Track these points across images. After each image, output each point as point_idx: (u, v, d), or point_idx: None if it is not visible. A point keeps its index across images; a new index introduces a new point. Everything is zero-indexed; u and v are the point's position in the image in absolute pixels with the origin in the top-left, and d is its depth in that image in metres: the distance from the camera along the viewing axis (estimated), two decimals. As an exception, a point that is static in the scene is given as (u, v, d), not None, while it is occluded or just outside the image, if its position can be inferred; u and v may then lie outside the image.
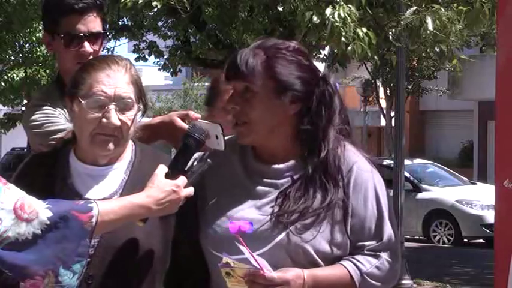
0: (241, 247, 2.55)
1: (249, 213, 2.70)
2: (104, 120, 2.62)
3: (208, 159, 2.68)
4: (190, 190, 2.59)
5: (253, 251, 2.57)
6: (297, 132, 2.76)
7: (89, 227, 2.41)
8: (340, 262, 2.70)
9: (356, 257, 2.70)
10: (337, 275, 2.68)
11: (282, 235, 2.65)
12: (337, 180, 2.71)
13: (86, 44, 3.27)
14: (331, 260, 2.69)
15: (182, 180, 2.58)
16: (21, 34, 20.44)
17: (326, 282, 2.66)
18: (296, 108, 2.73)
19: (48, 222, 2.37)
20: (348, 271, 2.68)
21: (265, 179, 2.76)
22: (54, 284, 2.37)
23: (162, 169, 2.58)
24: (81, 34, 3.26)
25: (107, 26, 3.46)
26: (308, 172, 2.71)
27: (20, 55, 21.61)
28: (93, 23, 3.31)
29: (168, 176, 2.57)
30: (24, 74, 21.01)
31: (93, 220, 2.42)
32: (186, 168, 2.64)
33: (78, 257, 2.40)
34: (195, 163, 2.75)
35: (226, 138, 2.84)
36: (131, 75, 2.69)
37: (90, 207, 2.43)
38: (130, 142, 2.77)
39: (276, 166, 2.76)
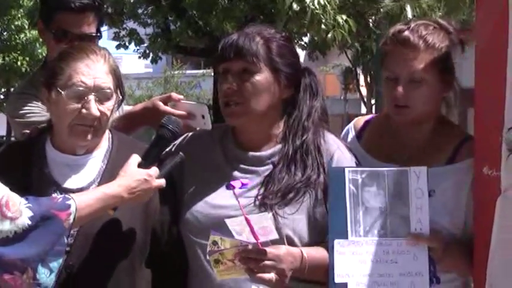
0: (234, 215, 2.54)
1: (229, 200, 2.69)
2: (83, 111, 2.61)
3: (181, 153, 2.68)
4: (162, 181, 2.59)
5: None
6: (282, 118, 2.80)
7: (67, 225, 2.41)
8: (321, 245, 2.69)
9: None
10: (320, 256, 2.66)
11: None
12: (317, 160, 2.74)
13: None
14: (310, 244, 2.69)
15: (154, 170, 2.57)
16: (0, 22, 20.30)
17: (315, 263, 2.64)
18: (289, 92, 2.79)
19: (29, 223, 2.36)
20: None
21: (246, 166, 2.77)
22: (32, 281, 2.36)
23: (135, 158, 2.58)
24: (73, 33, 3.23)
25: (102, 25, 3.46)
26: (289, 153, 2.74)
27: (-2, 42, 21.46)
28: (87, 25, 3.30)
29: (141, 165, 2.57)
30: (2, 61, 20.88)
31: (71, 217, 2.42)
32: (160, 159, 2.64)
33: (56, 254, 2.39)
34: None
35: (203, 129, 2.86)
36: (110, 65, 2.68)
37: (68, 205, 2.42)
38: (107, 131, 2.76)
39: (257, 153, 2.78)
